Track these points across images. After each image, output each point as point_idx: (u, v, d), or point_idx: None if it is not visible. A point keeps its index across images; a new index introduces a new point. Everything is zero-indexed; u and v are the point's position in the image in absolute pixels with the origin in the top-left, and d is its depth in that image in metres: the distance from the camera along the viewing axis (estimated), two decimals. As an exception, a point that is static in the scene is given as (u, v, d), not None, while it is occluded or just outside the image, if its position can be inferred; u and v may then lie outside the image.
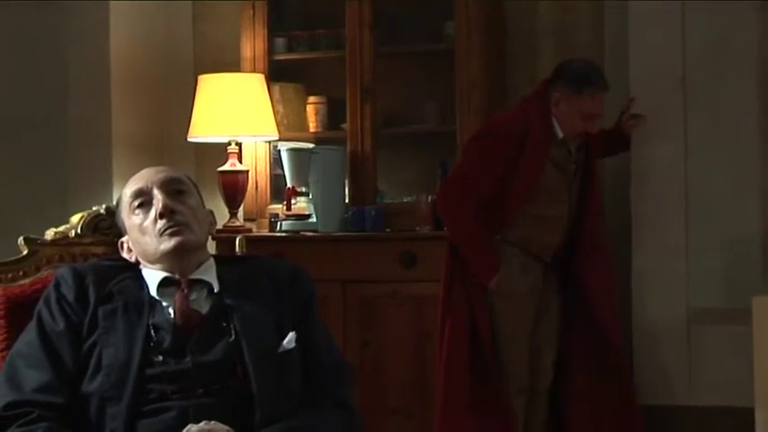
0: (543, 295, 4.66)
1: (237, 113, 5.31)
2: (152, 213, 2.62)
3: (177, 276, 2.62)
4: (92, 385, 2.49)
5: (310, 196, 5.33)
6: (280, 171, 5.47)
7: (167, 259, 2.61)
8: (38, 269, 2.84)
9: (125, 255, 2.70)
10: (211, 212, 2.78)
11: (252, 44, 5.54)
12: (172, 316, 2.56)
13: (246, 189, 5.39)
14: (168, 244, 2.59)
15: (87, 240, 2.89)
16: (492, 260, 4.54)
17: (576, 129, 4.54)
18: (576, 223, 4.66)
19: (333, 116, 5.57)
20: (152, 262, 2.64)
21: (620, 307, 5.02)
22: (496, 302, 4.59)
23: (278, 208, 5.43)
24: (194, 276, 2.63)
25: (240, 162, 5.40)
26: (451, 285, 4.62)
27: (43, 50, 5.53)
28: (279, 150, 5.43)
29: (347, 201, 5.36)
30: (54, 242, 2.88)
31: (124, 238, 2.71)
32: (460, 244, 4.59)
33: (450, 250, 4.63)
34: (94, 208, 2.93)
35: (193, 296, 2.61)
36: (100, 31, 5.50)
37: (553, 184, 4.56)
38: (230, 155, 5.36)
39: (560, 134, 4.55)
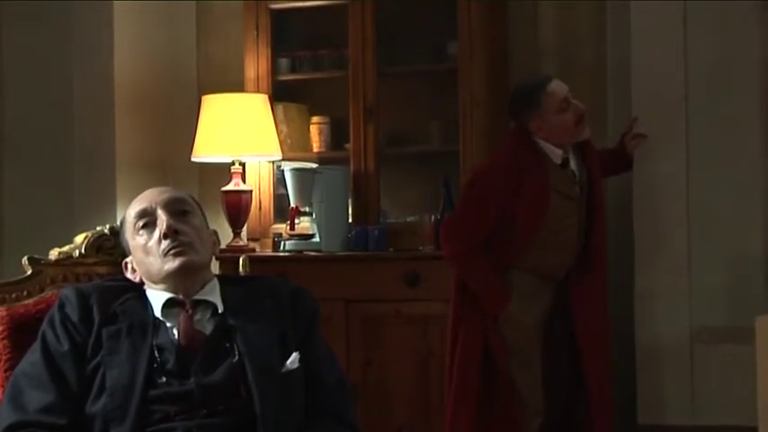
0: (552, 316, 4.64)
1: (241, 133, 5.33)
2: (156, 234, 2.63)
3: (181, 297, 2.63)
4: (96, 406, 2.49)
5: (314, 216, 5.33)
6: (283, 191, 5.49)
7: (171, 279, 2.62)
8: (41, 289, 2.85)
9: (129, 275, 2.71)
10: (215, 232, 2.79)
11: (255, 64, 5.56)
12: (176, 337, 2.57)
13: (250, 209, 5.40)
14: (172, 264, 2.60)
15: (91, 260, 2.89)
16: (501, 294, 4.51)
17: (569, 125, 4.48)
18: (586, 241, 4.65)
19: (336, 136, 5.59)
20: (156, 282, 2.64)
21: (622, 325, 5.03)
22: (508, 333, 4.55)
23: (281, 227, 5.44)
24: (198, 297, 2.64)
25: (244, 182, 5.41)
26: (461, 308, 4.58)
27: (48, 73, 5.55)
28: (282, 170, 5.45)
29: (350, 220, 5.37)
30: (58, 262, 2.89)
31: (128, 259, 2.72)
32: (468, 282, 4.55)
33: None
34: (98, 228, 2.94)
35: (197, 317, 2.61)
36: (104, 52, 5.52)
37: (559, 212, 4.52)
38: (234, 175, 5.37)
39: (558, 155, 4.52)
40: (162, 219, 2.63)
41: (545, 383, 4.60)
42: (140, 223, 2.66)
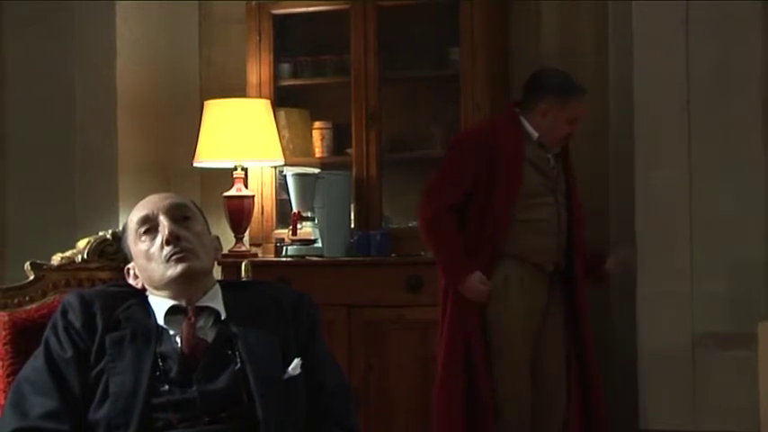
0: (546, 313, 4.67)
1: (243, 139, 5.33)
2: (158, 240, 2.62)
3: (184, 304, 2.62)
4: (98, 413, 2.49)
5: (316, 221, 5.33)
6: (285, 196, 5.49)
7: (174, 286, 2.61)
8: (44, 294, 2.84)
9: (131, 281, 2.70)
10: (217, 238, 2.79)
11: (257, 69, 5.56)
12: (179, 345, 2.57)
13: (252, 214, 5.41)
14: (175, 270, 2.60)
15: (93, 265, 2.89)
16: (461, 263, 4.55)
17: (563, 133, 4.63)
18: (569, 231, 4.69)
19: (338, 141, 5.59)
20: (158, 288, 2.64)
21: (624, 331, 5.03)
22: (493, 331, 4.59)
23: (283, 233, 5.44)
24: (201, 303, 2.64)
25: (246, 187, 5.42)
26: (445, 308, 4.63)
27: (50, 77, 5.55)
28: (284, 175, 5.45)
29: (352, 225, 5.37)
30: (60, 267, 2.88)
31: (130, 265, 2.71)
32: (432, 246, 4.62)
33: None
34: (101, 233, 2.93)
35: (200, 323, 2.61)
36: (106, 57, 5.52)
37: (534, 186, 4.61)
38: (236, 180, 5.37)
39: (534, 134, 4.61)
40: (164, 225, 2.63)
41: (541, 387, 4.64)
42: (142, 229, 2.65)
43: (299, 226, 5.32)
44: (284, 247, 5.36)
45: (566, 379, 4.68)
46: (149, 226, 2.65)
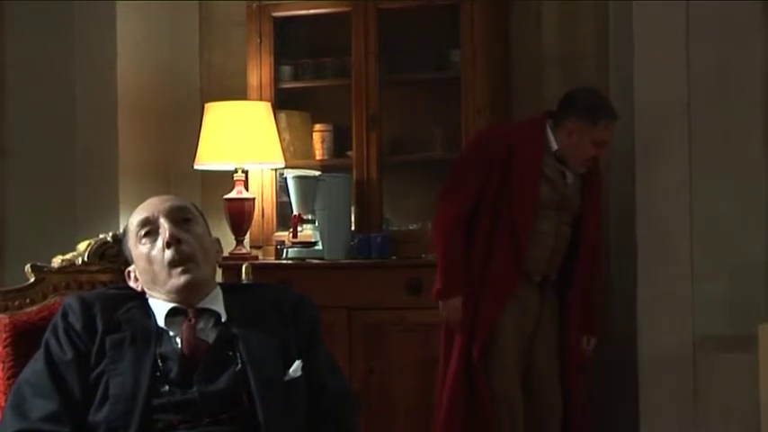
0: (539, 318, 4.69)
1: (244, 141, 5.33)
2: (159, 242, 2.63)
3: (185, 307, 2.63)
4: (99, 415, 2.49)
5: (316, 224, 5.33)
6: (286, 198, 5.49)
7: (176, 294, 2.62)
8: (44, 297, 2.85)
9: (131, 284, 2.71)
10: (217, 240, 2.79)
11: (258, 72, 5.56)
12: (179, 346, 2.57)
13: (253, 216, 5.41)
14: (177, 281, 2.60)
15: (94, 268, 2.89)
16: (459, 283, 4.57)
17: (588, 155, 4.62)
18: (569, 250, 4.70)
19: (339, 144, 5.59)
20: (159, 292, 2.65)
21: (624, 334, 5.03)
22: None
23: (284, 235, 5.44)
24: (202, 305, 2.64)
25: (246, 189, 5.42)
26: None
27: (51, 80, 5.55)
28: (285, 178, 5.44)
29: (353, 228, 5.37)
30: (61, 270, 2.88)
31: (131, 267, 2.72)
32: (439, 254, 4.62)
33: None
34: (101, 236, 2.93)
35: (200, 325, 2.61)
36: (107, 59, 5.52)
37: (543, 199, 4.61)
38: (237, 182, 5.37)
39: (554, 146, 4.61)
40: (164, 227, 2.63)
41: (536, 383, 4.68)
42: (143, 232, 2.66)
43: (299, 228, 5.31)
44: (285, 250, 5.36)
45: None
46: (150, 228, 2.65)
